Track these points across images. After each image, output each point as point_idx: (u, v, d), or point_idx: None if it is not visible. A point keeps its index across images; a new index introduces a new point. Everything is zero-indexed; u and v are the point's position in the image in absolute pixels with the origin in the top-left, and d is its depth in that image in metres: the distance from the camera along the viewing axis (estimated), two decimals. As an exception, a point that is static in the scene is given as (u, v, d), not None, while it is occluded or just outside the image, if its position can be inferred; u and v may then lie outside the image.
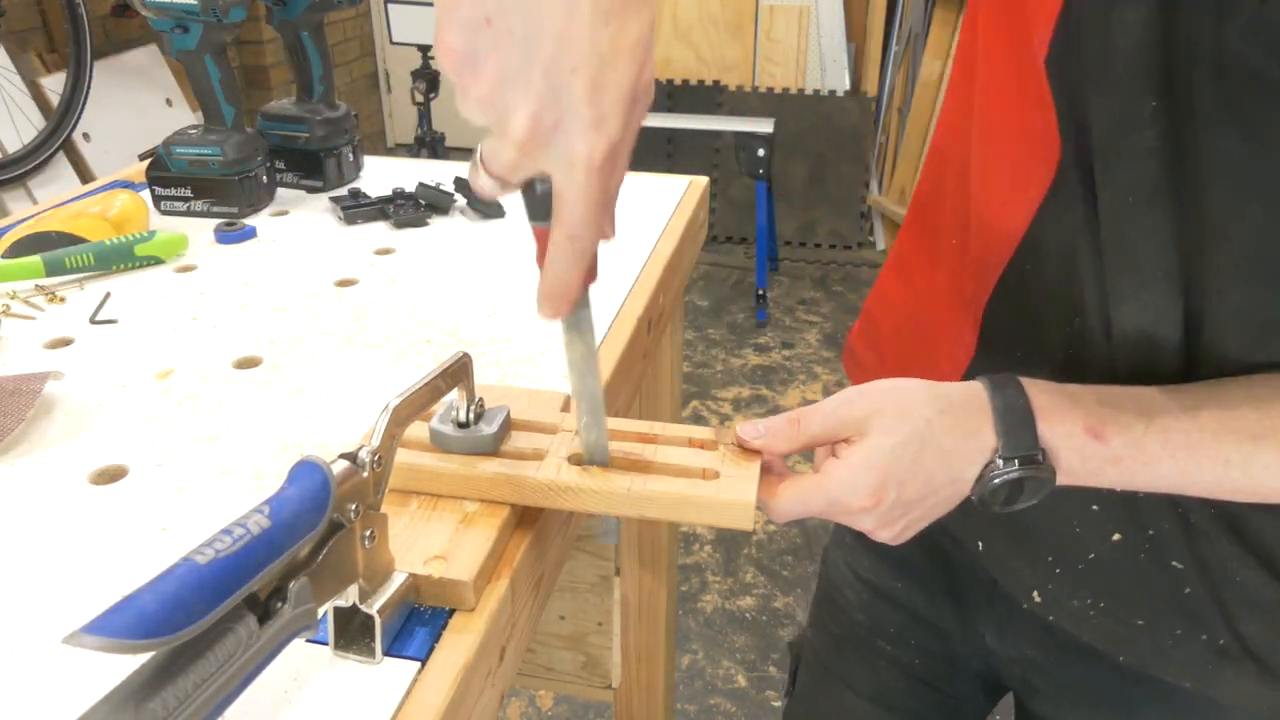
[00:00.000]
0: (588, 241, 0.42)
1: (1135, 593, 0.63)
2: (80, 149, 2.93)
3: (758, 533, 2.33)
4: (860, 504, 0.51)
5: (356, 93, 4.63)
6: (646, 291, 0.83)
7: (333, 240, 0.96)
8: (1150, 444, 0.50)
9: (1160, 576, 0.61)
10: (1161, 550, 0.60)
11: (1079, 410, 0.51)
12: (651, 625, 1.26)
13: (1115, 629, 0.65)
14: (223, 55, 0.99)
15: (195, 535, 0.53)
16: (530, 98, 0.38)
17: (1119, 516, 0.60)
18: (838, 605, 0.87)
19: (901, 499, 0.51)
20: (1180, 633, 0.63)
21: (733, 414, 2.84)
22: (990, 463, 0.51)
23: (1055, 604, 0.67)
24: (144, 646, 0.31)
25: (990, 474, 0.51)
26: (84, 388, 0.68)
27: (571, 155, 0.39)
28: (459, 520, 0.51)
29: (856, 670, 0.85)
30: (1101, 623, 0.65)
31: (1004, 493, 0.51)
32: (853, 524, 0.53)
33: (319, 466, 0.40)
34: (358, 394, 0.67)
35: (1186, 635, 0.63)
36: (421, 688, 0.44)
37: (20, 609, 0.48)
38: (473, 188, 0.43)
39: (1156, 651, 0.64)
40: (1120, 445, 0.50)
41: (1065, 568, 0.65)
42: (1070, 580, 0.65)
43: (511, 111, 0.38)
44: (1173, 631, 0.63)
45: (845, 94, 3.83)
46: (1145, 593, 0.63)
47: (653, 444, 0.54)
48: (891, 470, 0.50)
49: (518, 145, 0.39)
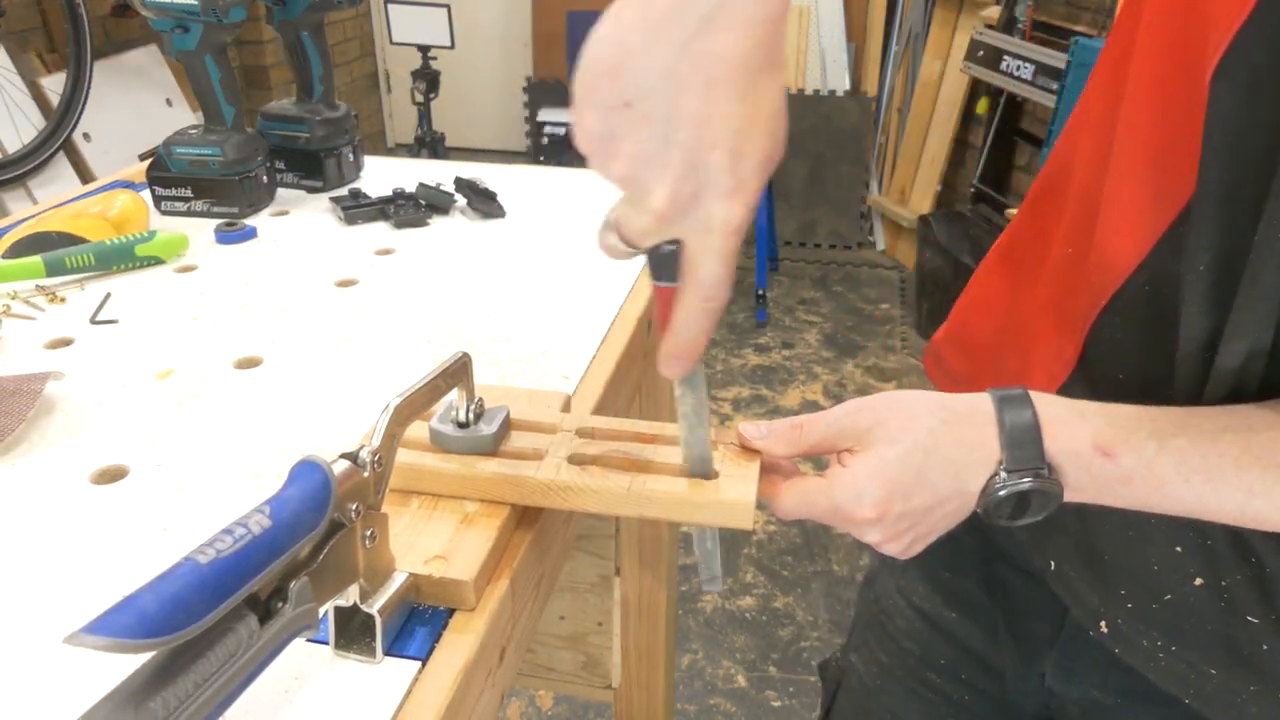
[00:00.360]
0: (720, 302, 0.43)
1: (1210, 641, 0.61)
2: (80, 149, 2.93)
3: (758, 533, 2.33)
4: (865, 515, 0.50)
5: (356, 93, 4.63)
6: (646, 291, 0.83)
7: (333, 240, 0.96)
8: (1163, 466, 0.49)
9: (1236, 629, 0.59)
10: (1237, 602, 0.58)
11: (1087, 427, 0.50)
12: (651, 625, 1.26)
13: (1186, 674, 0.62)
14: (223, 55, 0.99)
15: (195, 535, 0.53)
16: (669, 175, 0.39)
17: (1200, 562, 0.58)
18: (887, 632, 0.84)
19: (908, 510, 0.51)
20: (1255, 689, 0.60)
21: (733, 414, 2.84)
22: (994, 475, 0.50)
23: (1124, 639, 0.64)
24: (144, 646, 0.31)
25: (994, 486, 0.50)
26: (84, 388, 0.68)
27: (710, 222, 0.41)
28: (459, 520, 0.51)
29: (904, 701, 0.82)
30: (1172, 665, 0.62)
31: (1009, 505, 0.51)
32: (858, 535, 0.52)
33: (319, 466, 0.40)
34: (358, 394, 0.67)
35: (1261, 693, 0.60)
36: (422, 687, 0.44)
37: (20, 609, 0.48)
38: (600, 247, 0.44)
39: (1228, 705, 0.62)
40: (1131, 465, 0.49)
41: (1138, 604, 0.62)
42: (1142, 618, 0.62)
43: (650, 188, 0.40)
44: (1247, 687, 0.61)
45: (845, 94, 3.83)
46: (1220, 643, 0.60)
47: (652, 444, 0.55)
48: (897, 481, 0.50)
49: (656, 217, 0.40)
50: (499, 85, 4.83)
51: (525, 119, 4.50)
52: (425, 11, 3.48)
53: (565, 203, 1.05)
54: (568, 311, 0.80)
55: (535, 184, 1.11)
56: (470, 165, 1.15)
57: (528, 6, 4.44)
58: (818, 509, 0.52)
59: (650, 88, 0.38)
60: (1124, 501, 0.51)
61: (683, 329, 0.44)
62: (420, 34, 3.54)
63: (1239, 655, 0.59)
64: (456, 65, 4.50)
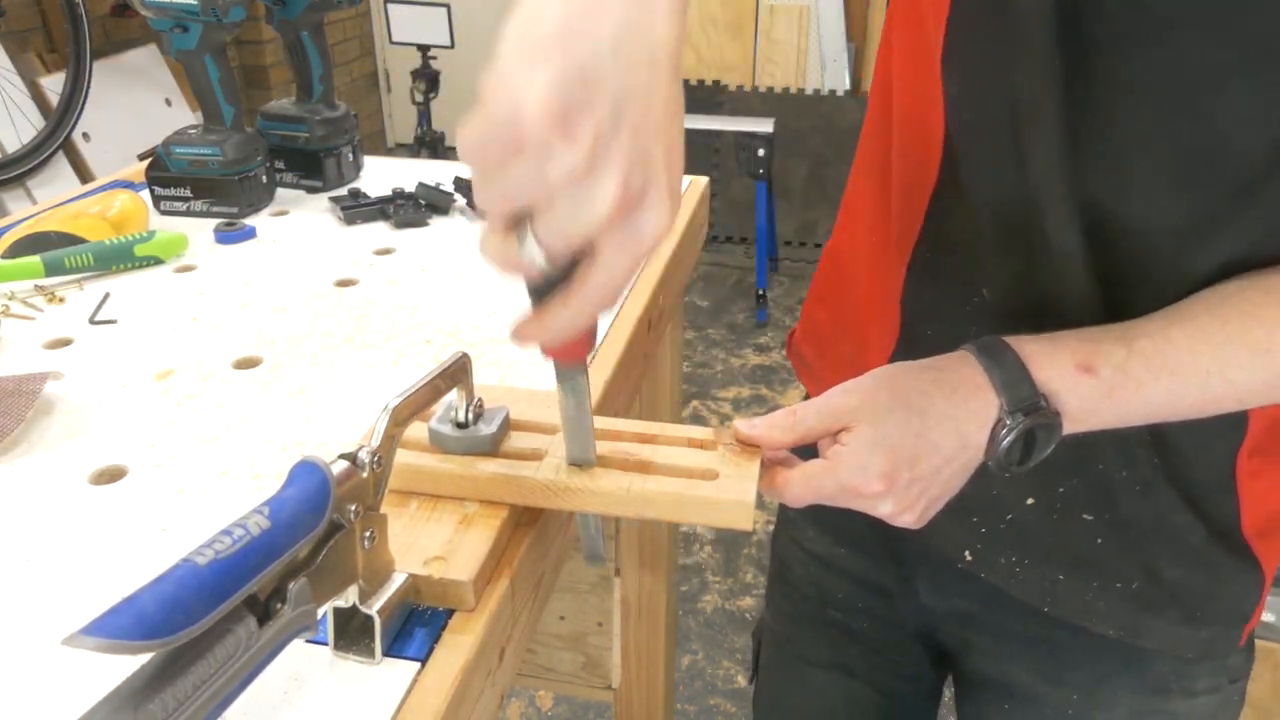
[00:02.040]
0: (613, 302, 0.40)
1: (1052, 549, 0.66)
2: (80, 149, 2.93)
3: (758, 533, 2.33)
4: (874, 488, 0.51)
5: (356, 93, 4.63)
6: (646, 291, 0.83)
7: (333, 240, 0.96)
8: (1135, 369, 0.51)
9: (1072, 531, 0.65)
10: (1072, 505, 0.64)
11: (1064, 350, 0.52)
12: (651, 625, 1.26)
13: (1040, 583, 0.68)
14: (222, 55, 0.99)
15: (195, 535, 0.53)
16: (622, 159, 0.35)
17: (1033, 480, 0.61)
18: (788, 582, 0.88)
19: (916, 475, 0.51)
20: (1097, 584, 0.66)
21: (733, 414, 2.84)
22: (998, 421, 0.52)
23: (985, 562, 0.69)
24: (143, 647, 0.31)
25: (1000, 432, 0.51)
26: (84, 388, 0.68)
27: (645, 226, 0.37)
28: (459, 520, 0.51)
29: (813, 643, 0.86)
30: (1028, 578, 0.68)
31: (1018, 449, 0.52)
32: (870, 510, 0.53)
33: (319, 467, 0.40)
34: (358, 394, 0.67)
35: (1103, 586, 0.66)
36: (421, 688, 0.44)
37: (20, 609, 0.48)
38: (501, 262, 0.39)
39: (1079, 604, 0.67)
40: (1109, 375, 0.51)
41: (989, 528, 0.68)
42: (996, 540, 0.68)
43: (603, 176, 0.35)
44: (1090, 583, 0.66)
45: (845, 94, 3.83)
46: (1061, 548, 0.66)
47: (652, 444, 0.54)
48: (899, 449, 0.51)
49: (605, 214, 0.36)
50: (499, 85, 4.83)
51: (525, 119, 4.49)
52: (425, 11, 3.48)
53: (565, 203, 1.05)
54: (567, 311, 0.80)
55: (535, 184, 1.10)
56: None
57: (528, 6, 4.43)
58: (826, 491, 0.52)
59: (602, 58, 0.35)
60: (1109, 419, 0.53)
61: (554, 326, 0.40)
62: (420, 34, 3.54)
63: (1078, 558, 0.66)
64: (456, 65, 4.49)
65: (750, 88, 3.91)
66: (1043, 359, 0.52)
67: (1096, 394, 0.52)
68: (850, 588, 0.83)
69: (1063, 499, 0.64)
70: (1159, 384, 0.51)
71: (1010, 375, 0.52)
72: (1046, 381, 0.52)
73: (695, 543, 2.30)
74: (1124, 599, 0.66)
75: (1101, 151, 0.53)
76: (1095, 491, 0.63)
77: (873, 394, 0.53)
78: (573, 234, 0.37)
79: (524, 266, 0.38)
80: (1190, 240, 0.53)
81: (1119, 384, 0.52)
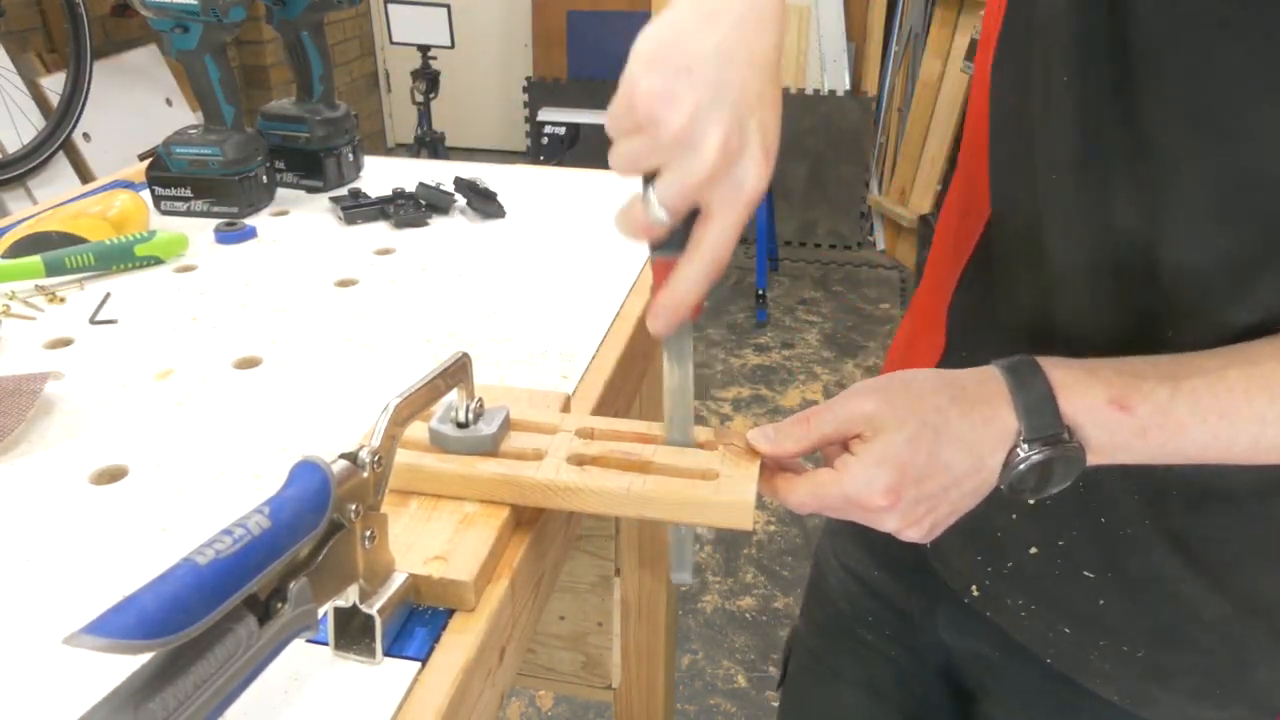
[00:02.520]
0: (724, 264, 0.47)
1: (1058, 600, 0.63)
2: (80, 149, 2.93)
3: (758, 533, 2.33)
4: (878, 503, 0.49)
5: (356, 93, 4.63)
6: (647, 291, 0.83)
7: (333, 240, 0.96)
8: (1179, 410, 0.48)
9: (1075, 586, 0.61)
10: (1074, 559, 0.61)
11: (1099, 383, 0.49)
12: (651, 625, 1.26)
13: (1045, 632, 0.65)
14: (223, 55, 0.99)
15: (195, 535, 0.53)
16: (723, 125, 0.44)
17: (1036, 529, 0.60)
18: (824, 594, 0.87)
19: (923, 494, 0.49)
20: (1104, 643, 0.62)
21: (733, 414, 2.84)
22: (1014, 447, 0.49)
23: (992, 601, 0.67)
24: (144, 647, 0.31)
25: (1015, 460, 0.49)
26: (84, 388, 0.68)
27: (744, 183, 0.45)
28: (459, 520, 0.51)
29: (844, 659, 0.85)
30: (1033, 625, 0.65)
31: (1033, 478, 0.49)
32: (876, 525, 0.51)
33: (319, 467, 0.40)
34: (358, 394, 0.67)
35: (1109, 646, 0.62)
36: (421, 688, 0.44)
37: (20, 609, 0.48)
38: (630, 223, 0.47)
39: (1081, 660, 0.64)
40: (1147, 414, 0.48)
41: (994, 568, 0.66)
42: (1000, 580, 0.66)
43: (707, 135, 0.44)
44: (1096, 642, 0.63)
45: (845, 94, 3.82)
46: (1066, 601, 0.62)
47: (652, 444, 0.54)
48: (907, 466, 0.49)
49: (711, 165, 0.44)
50: (499, 85, 4.83)
51: (525, 119, 4.50)
52: (425, 11, 3.48)
53: (565, 203, 1.05)
54: (568, 311, 0.80)
55: (535, 184, 1.11)
56: (470, 165, 1.15)
57: (528, 6, 4.44)
58: (831, 502, 0.51)
59: (706, 58, 0.45)
60: (1141, 456, 0.50)
61: (682, 287, 0.47)
62: (420, 34, 3.54)
63: (1081, 613, 0.63)
64: (456, 65, 4.50)
65: (750, 88, 3.90)
66: (1074, 389, 0.49)
67: (1127, 431, 0.49)
68: (881, 610, 0.81)
69: (1064, 553, 0.61)
70: (1204, 427, 0.48)
71: (1034, 402, 0.49)
72: (1074, 414, 0.49)
73: (695, 543, 2.30)
74: (1130, 663, 0.62)
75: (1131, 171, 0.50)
76: (1098, 548, 0.60)
77: (890, 403, 0.50)
78: (686, 185, 0.45)
79: (650, 224, 0.46)
80: (1231, 283, 0.49)
81: (1156, 424, 0.48)
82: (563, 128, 3.81)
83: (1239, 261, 0.49)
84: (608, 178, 1.13)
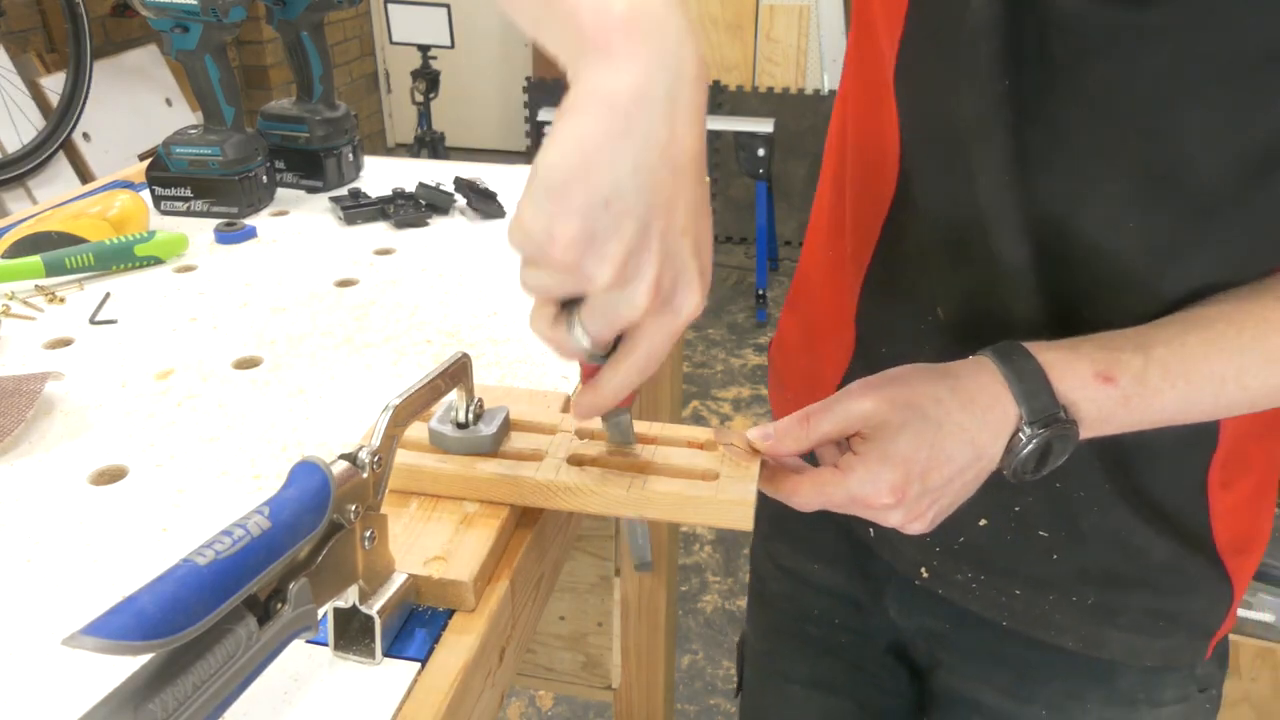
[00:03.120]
0: (654, 369, 0.45)
1: (1008, 567, 0.66)
2: (80, 149, 2.93)
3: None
4: (883, 501, 0.51)
5: (356, 93, 4.63)
6: (646, 292, 0.83)
7: (333, 240, 0.96)
8: (1152, 377, 0.51)
9: (1027, 548, 0.64)
10: (1028, 523, 0.63)
11: (1083, 358, 0.52)
12: (651, 625, 1.26)
13: (997, 598, 0.68)
14: (223, 55, 0.99)
15: (195, 535, 0.53)
16: (654, 265, 0.40)
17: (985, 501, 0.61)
18: (764, 599, 0.88)
19: (927, 488, 0.51)
20: (1054, 597, 0.66)
21: (733, 414, 2.84)
22: (1017, 431, 0.51)
23: (941, 578, 0.69)
24: (143, 648, 0.31)
25: (1018, 443, 0.51)
26: (84, 388, 0.68)
27: (680, 310, 0.42)
28: (459, 521, 0.51)
29: (792, 659, 0.86)
30: (985, 594, 0.68)
31: (1034, 459, 0.51)
32: (879, 520, 0.53)
33: (319, 467, 0.40)
34: (358, 394, 0.67)
35: (1060, 599, 0.65)
36: (421, 688, 0.44)
37: (20, 609, 0.48)
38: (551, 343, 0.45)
39: (1036, 616, 0.67)
40: (1128, 384, 0.51)
41: (943, 547, 0.67)
42: (950, 557, 0.68)
43: (637, 281, 0.40)
44: (1047, 596, 0.66)
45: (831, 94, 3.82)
46: (1017, 565, 0.66)
47: (652, 445, 0.54)
48: (911, 461, 0.50)
49: (644, 309, 0.41)
50: (499, 85, 4.83)
51: (525, 119, 4.50)
52: (425, 11, 3.48)
53: (565, 203, 1.05)
54: (568, 312, 0.80)
55: (535, 184, 1.10)
56: (470, 165, 1.15)
57: (528, 6, 4.43)
58: (836, 500, 0.52)
59: (623, 184, 0.39)
60: (1121, 425, 0.53)
61: (608, 389, 0.46)
62: (420, 34, 3.54)
63: (1035, 574, 0.66)
64: (456, 65, 4.50)
65: (750, 87, 3.90)
66: (1063, 368, 0.51)
67: (1113, 403, 0.51)
68: (826, 603, 0.82)
69: (1018, 518, 0.64)
70: (1174, 391, 0.51)
71: (1030, 385, 0.51)
72: (1067, 392, 0.51)
73: (695, 543, 2.30)
74: (1081, 611, 0.66)
75: (1057, 169, 0.52)
76: (1052, 509, 0.63)
77: (888, 399, 0.51)
78: (614, 326, 0.42)
79: (572, 349, 0.44)
80: (1158, 260, 0.52)
81: (1136, 393, 0.51)
82: (563, 128, 3.80)
83: (1164, 241, 0.52)
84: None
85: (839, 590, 0.81)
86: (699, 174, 0.41)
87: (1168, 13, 0.46)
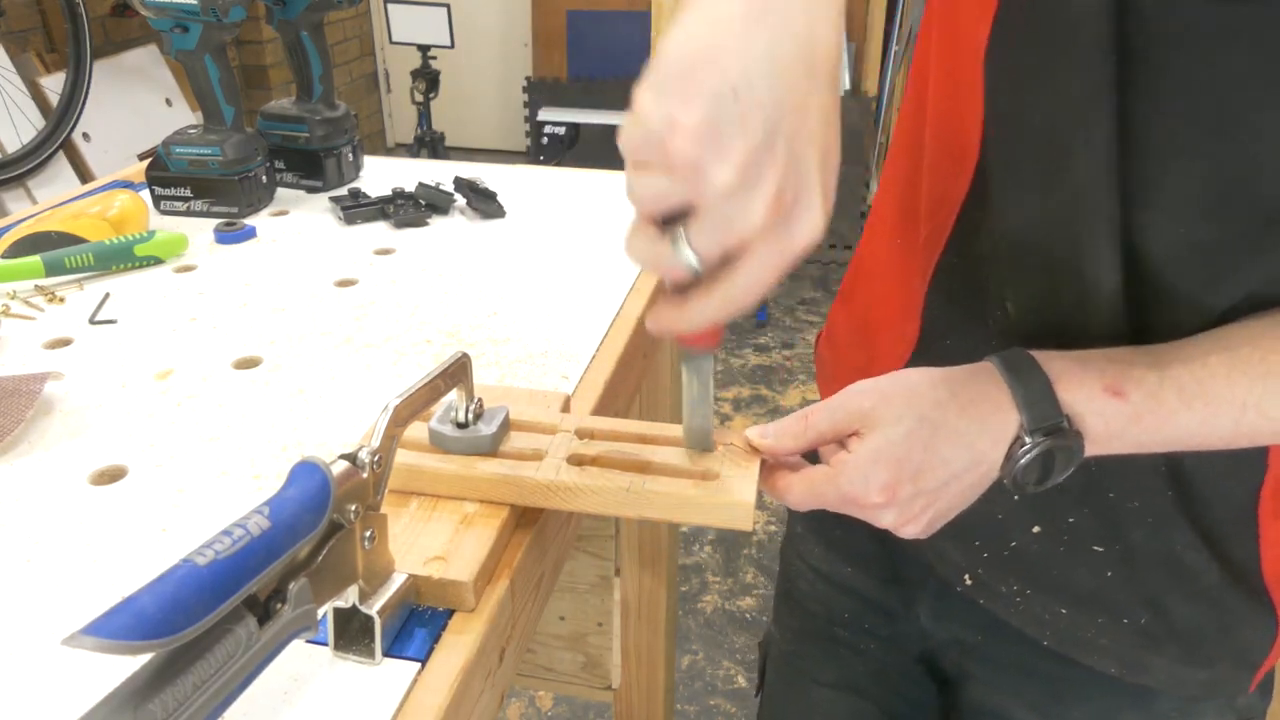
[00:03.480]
0: (756, 300, 0.41)
1: (1056, 580, 0.64)
2: (80, 149, 2.93)
3: (757, 533, 2.33)
4: (873, 500, 0.49)
5: (356, 93, 4.63)
6: (646, 291, 0.83)
7: (333, 240, 0.96)
8: (1167, 396, 0.49)
9: (1079, 563, 0.62)
10: (1080, 536, 0.61)
11: (1092, 371, 0.50)
12: (651, 625, 1.26)
13: (1041, 615, 0.66)
14: (222, 55, 0.99)
15: (195, 535, 0.53)
16: (777, 172, 0.36)
17: (1039, 508, 0.60)
18: (794, 598, 0.87)
19: (920, 489, 0.50)
20: (1102, 620, 0.64)
21: (733, 414, 2.84)
22: (1016, 439, 0.50)
23: (985, 588, 0.67)
24: (143, 648, 0.31)
25: (1018, 451, 0.50)
26: (84, 388, 0.68)
27: (796, 235, 0.38)
28: (459, 521, 0.51)
29: (820, 662, 0.85)
30: (1029, 608, 0.66)
31: (1035, 470, 0.50)
32: (873, 521, 0.52)
33: (319, 467, 0.40)
34: (358, 394, 0.67)
35: (1108, 622, 0.64)
36: (421, 688, 0.44)
37: (20, 609, 0.48)
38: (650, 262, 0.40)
39: (1080, 639, 0.65)
40: (1139, 400, 0.49)
41: (992, 554, 0.66)
42: (998, 566, 0.66)
43: (757, 189, 0.36)
44: (1094, 619, 0.64)
45: (845, 94, 3.82)
46: (1065, 580, 0.64)
47: (652, 445, 0.54)
48: (903, 462, 0.49)
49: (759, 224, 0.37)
50: (499, 85, 4.83)
51: (525, 119, 4.50)
52: (425, 11, 3.48)
53: (565, 203, 1.05)
54: (568, 311, 0.80)
55: (535, 184, 1.11)
56: (470, 165, 1.15)
57: (528, 6, 4.43)
58: (827, 499, 0.51)
59: (754, 73, 0.35)
60: (1134, 444, 0.51)
61: (695, 312, 0.41)
62: (420, 34, 3.54)
63: (1083, 592, 0.63)
64: (456, 65, 4.50)
65: (750, 88, 3.90)
66: (1070, 378, 0.50)
67: (1123, 418, 0.49)
68: (856, 607, 0.81)
69: (1071, 530, 0.62)
70: (1191, 412, 0.49)
71: (1033, 393, 0.49)
72: (1072, 403, 0.49)
73: (695, 543, 2.30)
74: (1127, 635, 0.64)
75: (1134, 169, 0.49)
76: (1105, 523, 0.61)
77: (887, 399, 0.51)
78: (727, 241, 0.38)
79: (676, 267, 0.39)
80: (1213, 271, 0.50)
81: (1149, 410, 0.49)
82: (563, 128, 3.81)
83: (1224, 251, 0.50)
84: (608, 178, 1.13)
85: (870, 594, 0.80)
86: (834, 80, 0.38)
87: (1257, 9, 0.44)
